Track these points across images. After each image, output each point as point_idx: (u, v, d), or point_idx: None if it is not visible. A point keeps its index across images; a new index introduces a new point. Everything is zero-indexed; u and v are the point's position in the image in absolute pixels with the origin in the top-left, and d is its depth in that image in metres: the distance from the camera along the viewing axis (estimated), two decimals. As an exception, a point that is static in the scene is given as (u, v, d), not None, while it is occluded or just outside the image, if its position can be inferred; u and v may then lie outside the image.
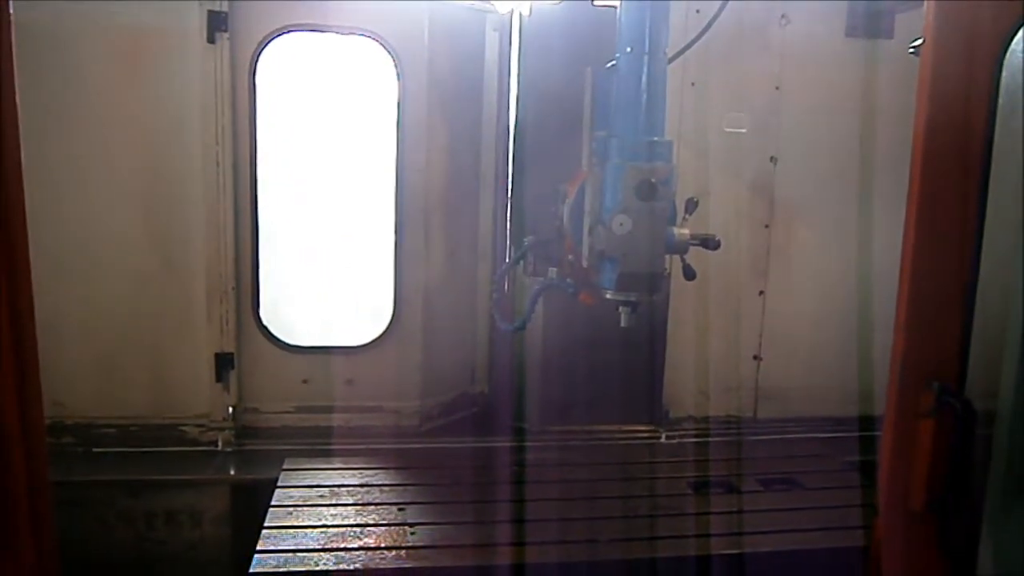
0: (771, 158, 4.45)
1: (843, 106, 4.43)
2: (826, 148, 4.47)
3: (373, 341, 4.30)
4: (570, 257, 3.31)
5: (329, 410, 4.29)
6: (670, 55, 3.15)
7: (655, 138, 3.05)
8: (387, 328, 4.29)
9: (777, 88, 4.40)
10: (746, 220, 4.47)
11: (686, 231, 3.10)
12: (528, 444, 4.29)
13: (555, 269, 3.47)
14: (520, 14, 4.22)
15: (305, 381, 4.28)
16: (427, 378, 4.38)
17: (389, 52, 4.03)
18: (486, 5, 4.36)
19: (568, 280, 3.39)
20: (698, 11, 4.03)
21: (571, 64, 3.32)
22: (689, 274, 3.27)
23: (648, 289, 3.09)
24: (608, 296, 3.12)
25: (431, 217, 4.28)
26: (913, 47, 2.53)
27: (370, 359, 4.30)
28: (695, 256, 3.23)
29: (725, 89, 4.33)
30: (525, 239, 3.62)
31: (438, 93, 4.18)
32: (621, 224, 2.97)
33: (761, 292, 4.56)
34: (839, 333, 4.61)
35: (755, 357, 4.60)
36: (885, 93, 4.41)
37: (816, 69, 4.40)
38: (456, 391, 4.58)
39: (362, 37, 4.02)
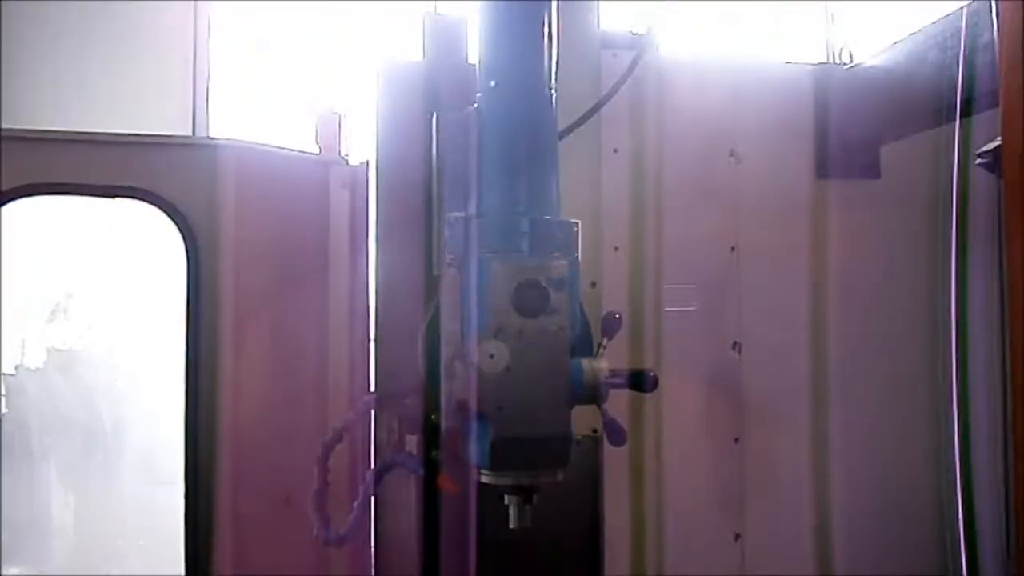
0: (733, 344, 3.23)
1: (821, 267, 3.29)
2: (805, 325, 3.29)
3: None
4: (434, 417, 2.05)
5: None
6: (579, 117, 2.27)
7: (543, 216, 1.96)
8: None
9: (733, 249, 3.25)
10: (707, 434, 3.19)
11: (603, 364, 1.97)
12: None
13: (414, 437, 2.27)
14: (377, 165, 3.07)
15: None
16: None
17: (176, 222, 2.83)
18: (331, 155, 3.23)
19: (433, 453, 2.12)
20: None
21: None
22: (616, 437, 2.04)
23: (546, 463, 1.87)
24: (484, 480, 1.88)
25: (246, 445, 2.93)
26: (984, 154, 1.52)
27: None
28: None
29: (662, 254, 3.18)
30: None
31: (255, 272, 2.96)
32: (492, 356, 1.79)
33: (737, 536, 3.20)
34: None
35: (738, 626, 3.19)
36: (878, 251, 3.29)
37: (782, 221, 3.27)
38: None
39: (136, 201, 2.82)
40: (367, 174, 3.24)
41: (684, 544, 3.14)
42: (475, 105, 2.05)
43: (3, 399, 2.88)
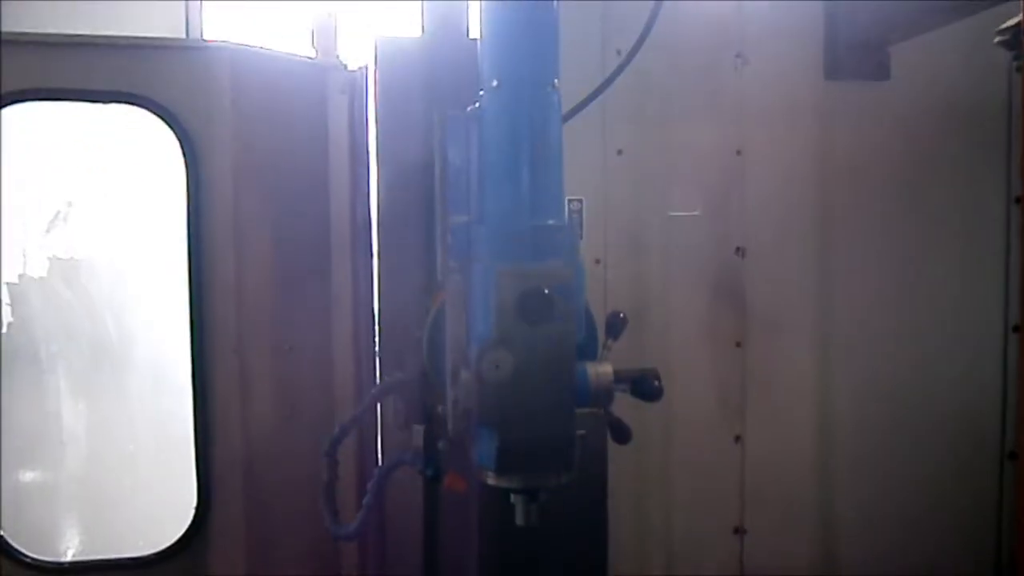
0: (737, 249, 3.21)
1: (828, 172, 3.25)
2: (810, 230, 3.27)
3: (172, 547, 2.89)
4: (440, 408, 2.04)
5: (112, 655, 2.88)
6: (577, 105, 2.14)
7: (548, 221, 1.86)
8: (191, 525, 2.90)
9: (738, 153, 3.20)
10: (709, 338, 3.20)
11: (607, 368, 1.90)
12: None
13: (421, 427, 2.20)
14: (376, 68, 2.99)
15: (72, 613, 2.87)
16: (261, 593, 2.99)
17: (172, 127, 2.77)
18: (328, 59, 3.14)
19: (439, 448, 2.12)
20: (619, 52, 2.87)
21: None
22: (620, 435, 2.06)
23: (551, 468, 1.85)
24: (489, 481, 1.86)
25: (250, 355, 2.95)
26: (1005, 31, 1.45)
27: (168, 573, 2.90)
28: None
29: (667, 158, 3.14)
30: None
31: (253, 182, 2.92)
32: (496, 365, 1.74)
33: (738, 438, 3.24)
34: (851, 485, 3.32)
35: (736, 530, 3.26)
36: (884, 152, 3.25)
37: (789, 125, 3.21)
38: (314, 602, 3.17)
39: (132, 107, 2.76)
40: (366, 80, 3.17)
41: (686, 446, 3.20)
42: (477, 105, 1.95)
43: (8, 308, 2.87)
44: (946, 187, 3.36)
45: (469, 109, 1.96)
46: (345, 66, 3.19)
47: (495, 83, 1.87)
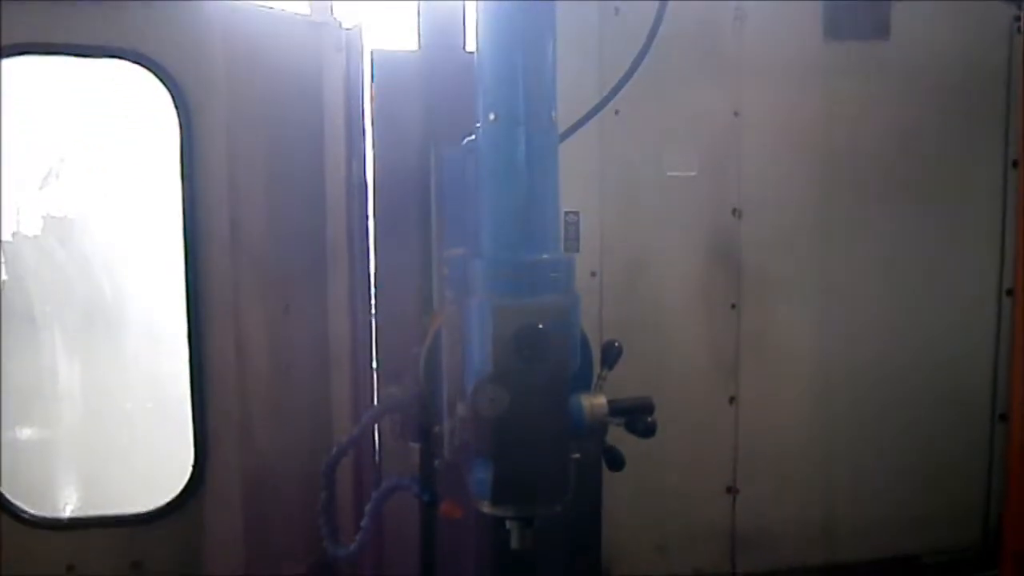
0: (733, 210, 3.20)
1: (827, 134, 3.23)
2: (808, 191, 3.26)
3: (168, 504, 2.92)
4: (436, 429, 2.07)
5: (110, 608, 2.91)
6: (576, 123, 2.16)
7: (543, 255, 1.86)
8: (187, 483, 2.92)
9: (736, 114, 3.18)
10: (704, 299, 3.20)
11: (602, 400, 1.90)
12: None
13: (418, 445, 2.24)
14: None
15: (71, 567, 2.89)
16: (257, 550, 3.01)
17: (165, 83, 2.74)
18: (323, 16, 3.10)
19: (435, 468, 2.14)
20: (617, 11, 2.85)
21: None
22: (614, 463, 2.03)
23: (546, 498, 1.88)
24: (484, 510, 1.89)
25: (245, 308, 2.95)
26: None
27: (166, 530, 2.92)
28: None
29: (664, 118, 3.11)
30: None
31: (248, 138, 2.89)
32: (492, 400, 1.77)
33: (732, 399, 3.26)
34: (844, 447, 3.35)
35: (729, 490, 3.29)
36: (883, 114, 3.23)
37: (787, 85, 3.18)
38: (309, 558, 3.20)
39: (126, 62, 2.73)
40: (361, 39, 3.14)
41: (680, 406, 3.21)
42: (473, 137, 1.95)
43: (2, 266, 2.86)
44: (944, 150, 3.34)
45: (465, 142, 1.96)
46: (340, 24, 3.15)
47: (492, 117, 1.85)
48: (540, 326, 1.75)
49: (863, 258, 3.32)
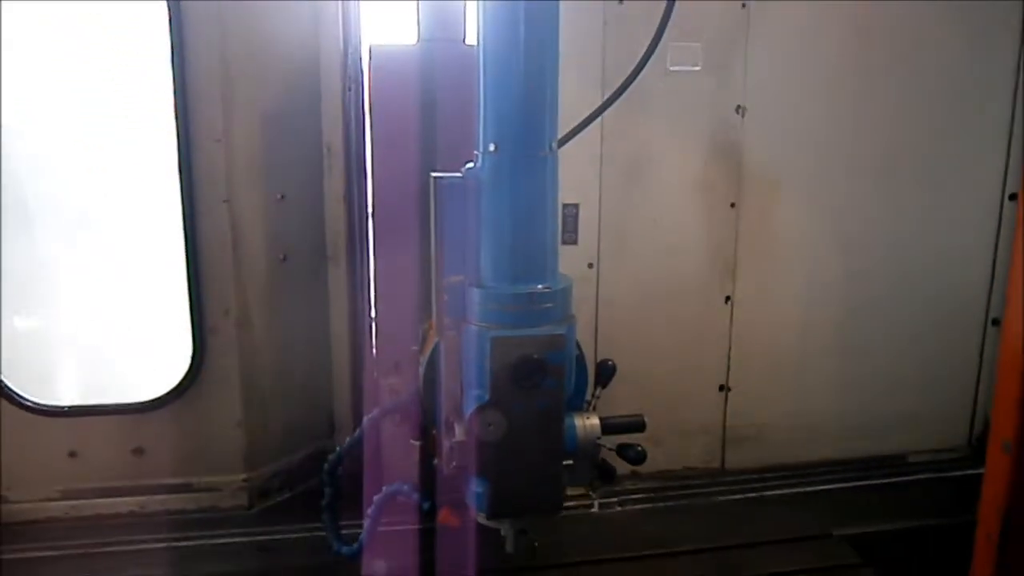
0: (737, 107, 3.14)
1: (839, 28, 3.14)
2: (815, 90, 3.18)
3: (169, 393, 2.96)
4: (435, 431, 2.15)
5: (112, 492, 2.98)
6: (574, 128, 2.13)
7: (539, 286, 1.91)
8: (187, 372, 2.96)
9: (743, 5, 3.08)
10: (703, 197, 3.17)
11: (595, 420, 2.01)
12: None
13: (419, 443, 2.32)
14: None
15: (72, 454, 2.96)
16: (256, 436, 3.08)
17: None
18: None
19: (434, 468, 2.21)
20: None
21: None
22: (606, 476, 2.11)
23: (541, 511, 2.00)
24: (481, 521, 2.02)
25: (242, 204, 2.93)
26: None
27: (166, 418, 2.98)
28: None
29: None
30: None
31: (237, 32, 2.81)
32: (490, 425, 1.86)
33: (728, 298, 3.27)
34: (835, 346, 3.38)
35: (721, 387, 3.33)
36: (893, 10, 3.13)
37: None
38: (306, 448, 3.27)
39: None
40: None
41: (676, 304, 3.22)
42: (472, 166, 1.94)
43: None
44: (955, 49, 3.25)
45: (464, 170, 1.96)
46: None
47: (492, 147, 1.88)
48: (536, 356, 1.82)
49: (867, 159, 3.27)
